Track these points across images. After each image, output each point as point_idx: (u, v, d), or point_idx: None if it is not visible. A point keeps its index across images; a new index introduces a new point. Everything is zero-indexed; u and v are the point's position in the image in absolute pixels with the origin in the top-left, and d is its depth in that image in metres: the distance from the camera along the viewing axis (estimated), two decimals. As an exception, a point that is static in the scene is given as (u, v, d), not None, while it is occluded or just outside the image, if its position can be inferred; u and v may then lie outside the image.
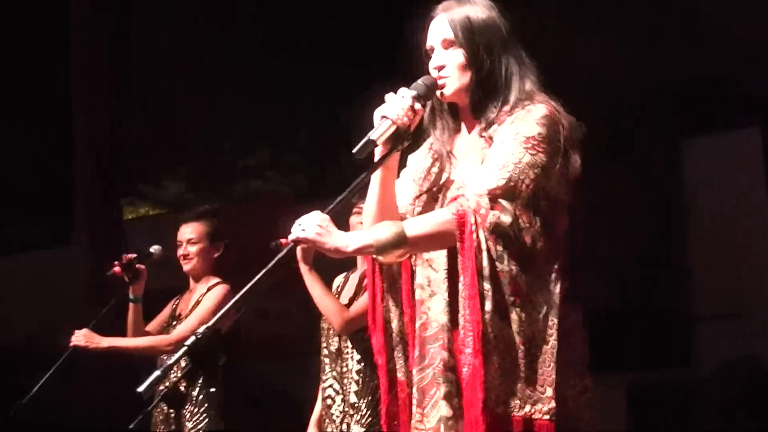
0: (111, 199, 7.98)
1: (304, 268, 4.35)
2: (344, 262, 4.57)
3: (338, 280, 4.69)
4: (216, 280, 5.20)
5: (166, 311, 5.35)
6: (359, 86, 8.58)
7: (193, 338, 2.69)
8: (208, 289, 5.17)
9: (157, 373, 2.79)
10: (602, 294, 6.50)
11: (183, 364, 2.77)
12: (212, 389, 2.70)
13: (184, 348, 2.69)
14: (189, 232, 5.20)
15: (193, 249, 5.18)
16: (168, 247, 5.33)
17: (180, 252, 5.21)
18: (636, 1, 7.45)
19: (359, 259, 4.56)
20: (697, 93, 7.20)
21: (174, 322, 5.24)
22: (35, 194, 9.62)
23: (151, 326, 5.29)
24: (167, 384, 4.52)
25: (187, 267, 5.21)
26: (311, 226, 2.77)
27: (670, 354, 6.88)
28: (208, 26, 9.24)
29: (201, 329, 2.71)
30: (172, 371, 4.36)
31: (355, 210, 4.44)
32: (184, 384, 4.90)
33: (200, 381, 4.86)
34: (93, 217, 7.89)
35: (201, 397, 5.00)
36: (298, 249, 4.36)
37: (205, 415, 5.01)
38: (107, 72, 8.00)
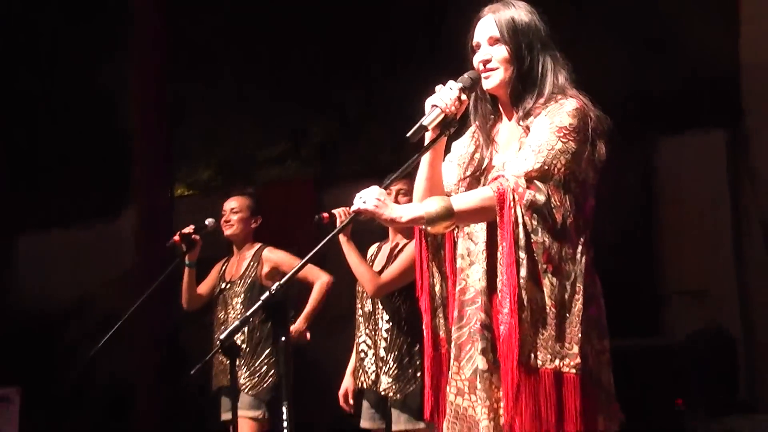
0: (164, 177, 7.93)
1: (342, 239, 4.35)
2: (378, 234, 4.58)
3: (372, 249, 4.68)
4: (259, 244, 5.31)
5: (214, 274, 5.42)
6: (364, 86, 8.62)
7: (267, 294, 2.70)
8: (256, 252, 5.25)
9: (236, 323, 2.79)
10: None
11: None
12: (283, 338, 2.70)
13: (260, 302, 2.70)
14: (233, 203, 5.32)
15: (234, 217, 5.28)
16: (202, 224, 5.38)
17: (223, 219, 5.30)
18: (606, 5, 7.37)
19: (391, 232, 4.57)
20: (666, 97, 7.17)
21: (223, 284, 5.30)
22: (90, 169, 9.52)
23: (202, 288, 5.38)
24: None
25: (227, 231, 5.29)
26: (371, 198, 2.79)
27: (642, 325, 6.88)
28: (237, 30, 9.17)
29: (274, 286, 2.71)
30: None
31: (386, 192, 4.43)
32: (241, 336, 4.98)
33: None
34: (146, 192, 7.84)
35: (258, 348, 5.05)
36: (338, 221, 4.38)
37: (264, 364, 5.05)
38: (162, 54, 7.87)
